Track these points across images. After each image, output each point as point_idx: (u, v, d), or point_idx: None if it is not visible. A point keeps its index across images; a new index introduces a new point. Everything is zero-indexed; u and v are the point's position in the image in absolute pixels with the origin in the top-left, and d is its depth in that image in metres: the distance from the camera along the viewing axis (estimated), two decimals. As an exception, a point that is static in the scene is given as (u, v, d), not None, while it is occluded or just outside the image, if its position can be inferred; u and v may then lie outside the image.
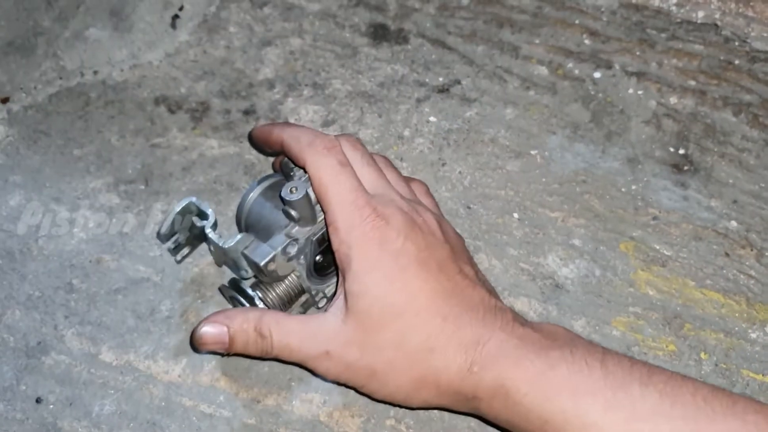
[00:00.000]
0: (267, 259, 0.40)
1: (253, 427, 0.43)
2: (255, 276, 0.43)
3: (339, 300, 0.39)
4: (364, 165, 0.41)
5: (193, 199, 0.43)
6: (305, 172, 0.41)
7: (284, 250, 0.41)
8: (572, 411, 0.34)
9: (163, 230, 0.44)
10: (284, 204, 0.41)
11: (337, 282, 0.40)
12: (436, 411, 0.43)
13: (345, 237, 0.38)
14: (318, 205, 0.41)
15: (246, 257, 0.41)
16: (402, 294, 0.37)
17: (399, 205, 0.40)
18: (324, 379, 0.40)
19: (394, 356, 0.37)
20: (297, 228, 0.41)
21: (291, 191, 0.40)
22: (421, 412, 0.43)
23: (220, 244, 0.42)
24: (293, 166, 0.42)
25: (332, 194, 0.39)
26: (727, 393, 0.34)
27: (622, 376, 0.34)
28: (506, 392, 0.35)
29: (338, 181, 0.39)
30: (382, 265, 0.38)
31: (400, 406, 0.42)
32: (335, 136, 0.42)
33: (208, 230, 0.42)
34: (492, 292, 0.40)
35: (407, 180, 0.45)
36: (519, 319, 0.38)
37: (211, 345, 0.40)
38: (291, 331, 0.39)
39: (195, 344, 0.40)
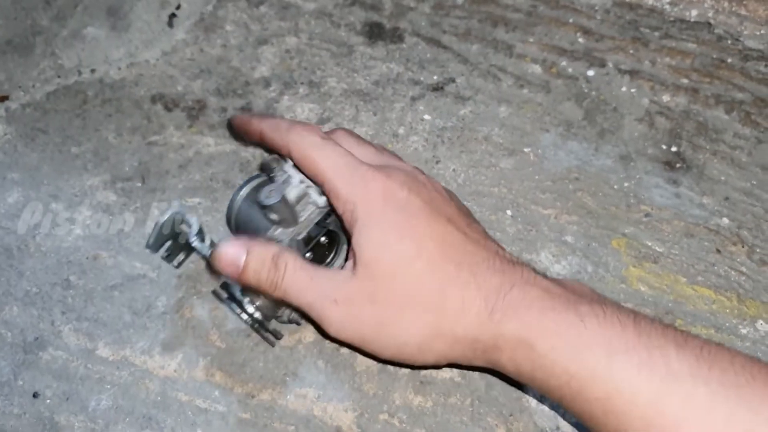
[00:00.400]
0: None
1: (248, 421, 0.43)
2: None
3: (349, 260, 0.38)
4: (354, 141, 0.41)
5: (178, 210, 0.44)
6: (289, 159, 0.41)
7: None
8: (603, 368, 0.32)
9: (151, 241, 0.44)
10: (263, 208, 0.41)
11: (348, 251, 0.39)
12: (429, 404, 0.43)
13: (347, 197, 0.37)
14: (298, 206, 0.42)
15: None
16: (411, 242, 0.36)
17: (400, 166, 0.39)
18: (327, 334, 0.38)
19: (406, 305, 0.36)
20: (280, 230, 0.42)
21: (268, 195, 0.40)
22: (414, 406, 0.43)
23: (204, 253, 0.42)
24: (274, 167, 0.42)
25: (323, 164, 0.38)
26: (764, 362, 0.32)
27: (656, 336, 0.32)
28: (531, 344, 0.33)
29: (325, 151, 0.38)
30: (389, 215, 0.36)
31: (410, 367, 0.41)
32: (328, 131, 0.42)
33: (192, 240, 0.42)
34: (503, 248, 0.39)
35: None
36: (539, 272, 0.37)
37: (225, 266, 0.38)
38: (305, 271, 0.38)
39: (212, 263, 0.39)
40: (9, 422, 0.44)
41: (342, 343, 0.40)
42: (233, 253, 0.38)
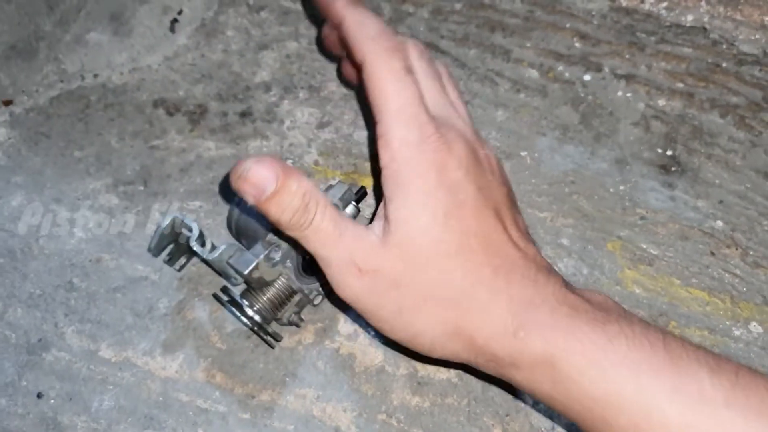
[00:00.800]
0: (250, 268, 0.41)
1: (248, 421, 0.44)
2: (245, 282, 0.44)
3: (379, 222, 0.35)
4: (429, 77, 0.37)
5: (177, 215, 0.44)
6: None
7: (267, 257, 0.41)
8: (632, 392, 0.30)
9: (153, 245, 0.45)
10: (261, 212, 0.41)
11: (378, 203, 0.36)
12: (426, 404, 0.44)
13: (399, 153, 0.34)
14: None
15: (231, 266, 0.42)
16: (455, 233, 0.33)
17: (462, 132, 0.36)
18: (334, 297, 0.36)
19: (431, 298, 0.34)
20: (279, 233, 0.42)
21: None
22: (412, 406, 0.44)
23: (205, 257, 0.43)
24: None
25: (392, 102, 0.34)
26: None
27: (687, 359, 0.31)
28: (553, 364, 0.32)
29: (401, 88, 0.34)
30: (439, 195, 0.33)
31: (416, 356, 0.39)
32: (400, 38, 0.37)
33: (192, 243, 0.43)
34: (539, 250, 0.37)
35: None
36: (569, 285, 0.35)
37: (249, 186, 0.33)
38: (336, 222, 0.34)
39: (232, 179, 0.34)
40: (13, 422, 0.44)
41: (343, 302, 0.36)
42: (265, 175, 0.33)
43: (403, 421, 0.44)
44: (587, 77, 0.58)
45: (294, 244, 0.42)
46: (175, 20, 0.62)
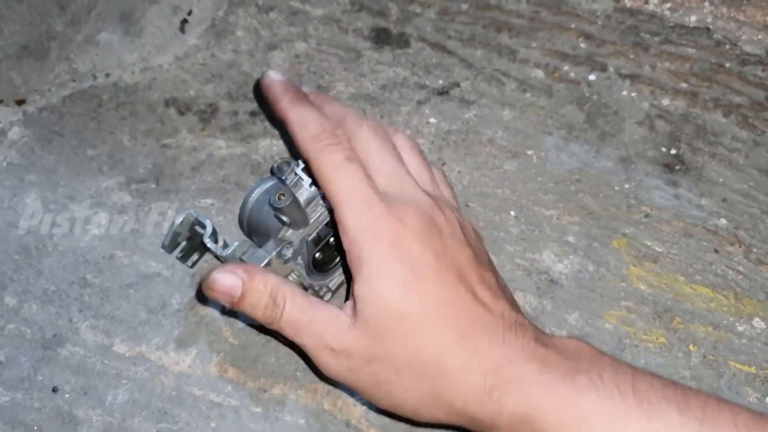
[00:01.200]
0: (263, 264, 0.41)
1: (260, 415, 0.45)
2: None
3: (350, 301, 0.37)
4: (381, 154, 0.38)
5: (192, 211, 0.45)
6: (304, 166, 0.42)
7: (279, 254, 0.42)
8: None
9: (167, 242, 0.46)
10: (274, 210, 0.42)
11: (348, 283, 0.38)
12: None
13: (354, 237, 0.36)
14: (308, 208, 0.43)
15: (244, 263, 0.43)
16: (416, 304, 0.34)
17: (417, 202, 0.37)
18: (321, 374, 0.39)
19: (404, 369, 0.35)
20: (290, 231, 0.43)
21: (279, 198, 0.40)
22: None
23: (218, 253, 0.43)
24: (285, 170, 0.42)
25: (339, 191, 0.36)
26: (766, 417, 0.32)
27: (657, 401, 0.32)
28: (531, 422, 0.33)
29: (345, 177, 0.36)
30: (396, 270, 0.35)
31: (410, 420, 0.40)
32: (353, 119, 0.40)
33: (206, 240, 0.44)
34: (513, 303, 0.38)
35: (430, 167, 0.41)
36: (540, 337, 0.35)
37: (219, 294, 0.37)
38: (304, 311, 0.37)
39: (203, 288, 0.37)
40: (30, 416, 0.45)
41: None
42: (229, 283, 0.37)
43: (413, 414, 0.45)
44: (592, 77, 0.59)
45: (305, 241, 0.43)
46: (185, 20, 0.63)
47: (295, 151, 0.44)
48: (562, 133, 0.56)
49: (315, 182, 0.43)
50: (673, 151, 0.55)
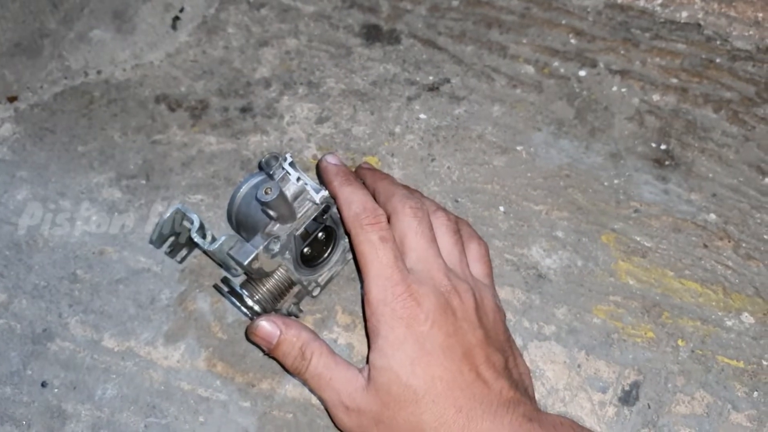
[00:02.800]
0: (250, 259, 0.42)
1: (248, 409, 0.45)
2: (245, 273, 0.45)
3: (366, 366, 0.41)
4: (416, 235, 0.42)
5: (179, 206, 0.45)
6: (291, 161, 0.43)
7: (267, 248, 0.42)
8: None
9: (154, 237, 0.46)
10: (261, 205, 0.42)
11: (369, 348, 0.42)
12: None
13: (376, 309, 0.40)
14: (295, 203, 0.43)
15: (231, 257, 0.43)
16: (422, 379, 0.39)
17: (437, 284, 0.41)
18: (335, 426, 0.42)
19: None
20: (278, 226, 0.43)
21: (266, 192, 0.40)
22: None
23: (205, 248, 0.44)
24: (273, 164, 0.43)
25: (370, 267, 0.41)
26: None
27: None
28: None
29: (377, 255, 0.41)
30: (407, 346, 0.39)
31: None
32: (399, 199, 0.43)
33: (193, 235, 0.44)
34: (514, 380, 0.41)
35: (465, 243, 0.45)
36: (530, 413, 0.39)
37: (259, 339, 0.43)
38: (328, 368, 0.41)
39: (247, 332, 0.43)
40: (18, 410, 0.45)
41: None
42: (268, 331, 0.42)
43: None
44: (582, 73, 0.59)
45: (293, 236, 0.43)
46: (176, 17, 0.63)
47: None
48: (551, 129, 0.56)
49: (302, 176, 0.43)
50: (662, 147, 0.55)
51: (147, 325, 0.48)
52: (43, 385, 0.46)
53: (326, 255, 0.48)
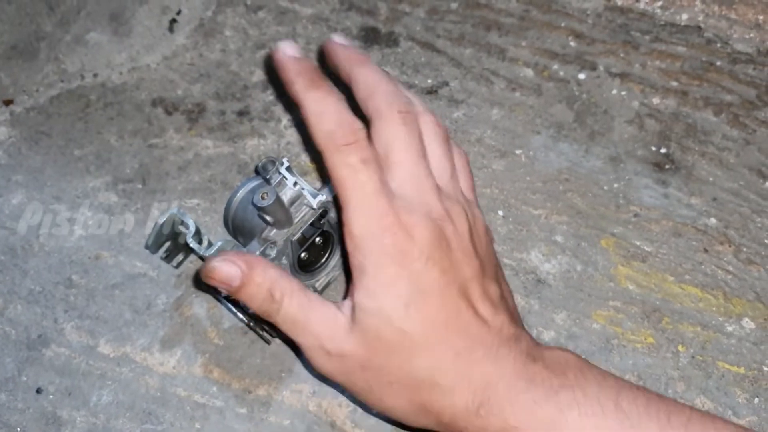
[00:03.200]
0: None
1: (245, 416, 0.45)
2: None
3: (349, 303, 0.36)
4: (404, 148, 0.36)
5: (175, 210, 0.44)
6: (288, 165, 0.42)
7: (263, 254, 0.42)
8: None
9: (150, 242, 0.45)
10: (257, 210, 0.41)
11: (348, 282, 0.38)
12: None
13: (360, 243, 0.35)
14: (292, 208, 0.42)
15: None
16: (417, 322, 0.34)
17: (429, 210, 0.36)
18: (312, 371, 0.39)
19: (397, 382, 0.35)
20: (274, 231, 0.42)
21: (262, 197, 0.39)
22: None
23: (201, 253, 0.43)
24: (269, 169, 0.42)
25: (350, 196, 0.35)
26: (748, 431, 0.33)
27: (638, 416, 0.32)
28: None
29: (358, 181, 0.35)
30: (399, 285, 0.34)
31: (398, 423, 0.40)
32: (383, 97, 0.37)
33: (189, 240, 0.43)
34: (513, 315, 0.38)
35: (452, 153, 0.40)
36: (532, 350, 0.36)
37: (216, 282, 0.36)
38: (302, 309, 0.36)
39: (202, 275, 0.37)
40: (13, 417, 0.45)
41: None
42: (228, 272, 0.36)
43: (398, 415, 0.44)
44: (582, 76, 0.59)
45: (290, 241, 0.43)
46: (173, 20, 0.63)
47: (309, 142, 0.42)
48: (551, 133, 0.56)
49: (299, 181, 0.43)
50: (662, 150, 0.55)
51: (143, 330, 0.48)
52: (38, 391, 0.46)
53: (324, 260, 0.47)
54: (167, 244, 0.47)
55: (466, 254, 0.36)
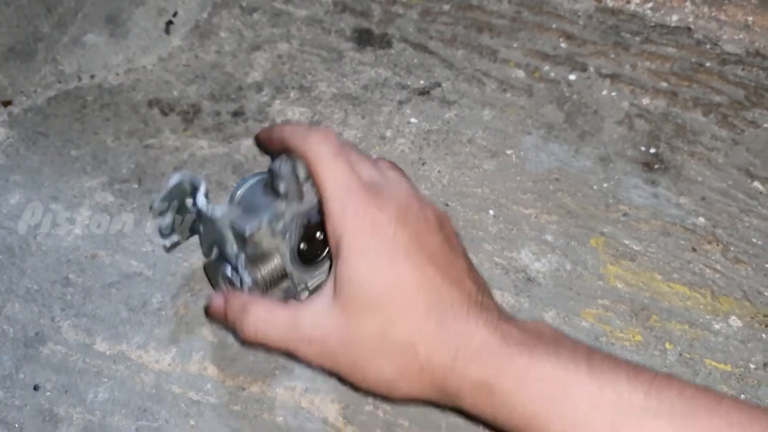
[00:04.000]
0: (253, 227, 0.41)
1: (239, 413, 0.45)
2: (242, 250, 0.43)
3: (329, 284, 0.39)
4: (361, 157, 0.42)
5: (186, 172, 0.44)
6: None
7: (270, 222, 0.42)
8: (560, 406, 0.34)
9: (155, 204, 0.45)
10: (271, 176, 0.42)
11: (330, 270, 0.40)
12: (410, 397, 0.45)
13: (337, 222, 0.38)
14: (306, 185, 0.42)
15: (233, 226, 0.42)
16: (388, 284, 0.37)
17: (396, 191, 0.40)
18: (308, 365, 0.41)
19: (376, 347, 0.37)
20: (284, 205, 0.42)
21: (280, 164, 0.41)
22: (397, 398, 0.45)
23: (209, 214, 0.43)
24: (280, 164, 0.42)
25: (327, 179, 0.39)
26: (712, 393, 0.34)
27: (608, 371, 0.34)
28: (490, 389, 0.35)
29: (333, 166, 0.39)
30: (371, 251, 0.37)
31: (386, 399, 0.42)
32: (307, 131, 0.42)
33: (200, 199, 0.43)
34: (480, 286, 0.40)
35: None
36: (504, 316, 0.38)
37: (213, 316, 0.44)
38: (274, 320, 0.40)
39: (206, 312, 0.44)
40: (11, 414, 0.46)
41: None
42: (216, 304, 0.43)
43: (389, 411, 0.45)
44: (572, 77, 0.59)
45: (296, 222, 0.43)
46: (170, 22, 0.64)
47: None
48: (541, 133, 0.57)
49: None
50: (652, 150, 0.56)
51: (139, 328, 0.48)
52: (36, 388, 0.46)
53: (321, 257, 0.48)
54: (169, 214, 0.45)
55: (431, 227, 0.39)
